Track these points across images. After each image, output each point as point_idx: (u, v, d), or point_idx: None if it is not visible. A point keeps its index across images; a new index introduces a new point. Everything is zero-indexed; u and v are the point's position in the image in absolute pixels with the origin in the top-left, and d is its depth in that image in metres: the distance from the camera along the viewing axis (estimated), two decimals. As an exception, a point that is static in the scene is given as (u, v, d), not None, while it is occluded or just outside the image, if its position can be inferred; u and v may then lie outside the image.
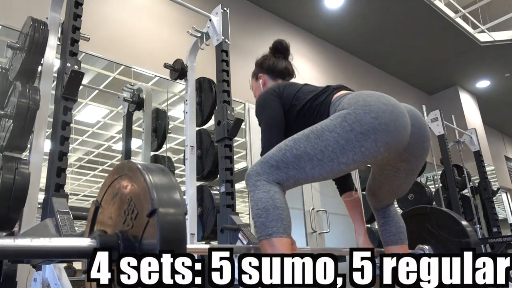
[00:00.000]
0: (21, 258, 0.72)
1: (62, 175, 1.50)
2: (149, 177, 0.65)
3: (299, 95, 1.53)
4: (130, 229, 0.68)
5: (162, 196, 0.64)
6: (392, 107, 1.26)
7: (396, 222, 1.61)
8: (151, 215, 0.63)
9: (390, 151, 1.27)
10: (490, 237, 4.28)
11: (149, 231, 0.63)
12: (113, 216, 0.75)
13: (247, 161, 3.66)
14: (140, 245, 0.65)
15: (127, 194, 0.71)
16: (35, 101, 1.76)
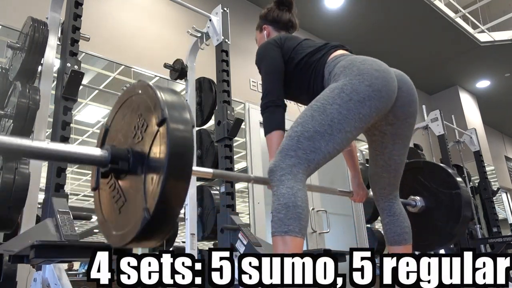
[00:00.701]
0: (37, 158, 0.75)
1: (62, 175, 1.50)
2: (159, 91, 0.69)
3: (298, 49, 1.58)
4: (139, 142, 0.71)
5: (172, 106, 0.67)
6: (383, 73, 1.35)
7: (401, 221, 1.60)
8: (161, 124, 0.65)
9: (379, 115, 1.37)
10: (490, 237, 4.28)
11: (159, 140, 0.66)
12: (123, 133, 0.77)
13: (247, 161, 3.66)
14: (149, 155, 0.67)
15: (137, 110, 0.74)
16: (35, 101, 1.76)
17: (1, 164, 1.69)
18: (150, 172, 0.66)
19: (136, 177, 0.70)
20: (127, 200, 0.72)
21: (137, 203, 0.68)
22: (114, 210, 0.75)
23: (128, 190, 0.72)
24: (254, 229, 3.24)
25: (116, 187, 0.75)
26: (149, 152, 0.68)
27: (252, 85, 4.12)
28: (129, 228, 0.68)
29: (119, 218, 0.73)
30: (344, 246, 4.03)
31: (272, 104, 1.51)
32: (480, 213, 4.80)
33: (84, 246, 1.16)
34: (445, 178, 2.08)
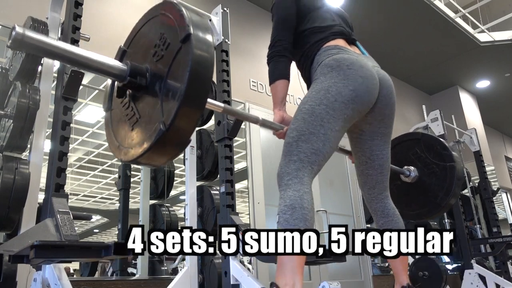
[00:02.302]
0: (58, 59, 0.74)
1: (62, 175, 1.50)
2: (186, 10, 0.68)
3: (311, 15, 1.63)
4: (159, 59, 0.70)
5: (197, 26, 0.66)
6: (367, 80, 1.42)
7: (396, 222, 1.61)
8: (185, 40, 0.65)
9: (359, 116, 1.46)
10: (490, 237, 4.28)
11: (181, 57, 0.65)
12: (141, 53, 0.76)
13: (247, 161, 3.66)
14: (169, 72, 0.67)
15: (160, 30, 0.73)
16: (35, 101, 1.76)
17: (1, 164, 1.69)
18: (169, 89, 0.65)
19: (153, 94, 0.70)
20: (141, 116, 0.72)
21: (152, 118, 0.68)
22: (127, 127, 0.75)
23: (143, 107, 0.72)
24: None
25: (130, 105, 0.75)
26: (169, 69, 0.67)
27: (252, 85, 4.13)
28: (142, 142, 0.68)
29: (131, 134, 0.73)
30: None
31: (278, 54, 1.55)
32: (480, 213, 4.80)
33: (84, 246, 1.16)
34: (440, 150, 2.12)
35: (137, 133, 0.71)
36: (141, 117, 0.72)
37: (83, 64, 0.71)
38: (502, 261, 4.10)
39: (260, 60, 4.23)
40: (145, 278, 2.72)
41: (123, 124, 0.76)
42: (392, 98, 1.56)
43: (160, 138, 0.64)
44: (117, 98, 0.79)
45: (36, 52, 0.67)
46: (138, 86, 0.72)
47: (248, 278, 1.84)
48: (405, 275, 1.56)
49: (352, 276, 4.05)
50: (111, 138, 0.80)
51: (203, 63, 0.64)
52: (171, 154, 0.69)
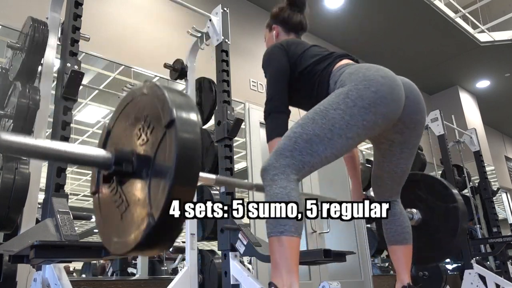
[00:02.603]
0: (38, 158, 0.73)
1: (62, 175, 1.50)
2: (168, 92, 0.67)
3: (305, 56, 1.57)
4: (145, 144, 0.69)
5: (180, 107, 0.65)
6: (389, 80, 1.32)
7: (401, 221, 1.60)
8: (169, 126, 0.63)
9: (386, 123, 1.34)
10: (490, 237, 4.28)
11: (166, 143, 0.64)
12: (126, 135, 0.75)
13: (247, 161, 3.66)
14: (155, 158, 0.66)
15: (143, 111, 0.72)
16: (35, 101, 1.76)
17: (1, 164, 1.69)
18: (156, 176, 0.64)
19: (140, 181, 0.68)
20: (129, 205, 0.69)
21: (140, 209, 0.66)
22: (116, 215, 0.73)
23: (131, 195, 0.70)
24: (254, 229, 3.24)
25: (118, 191, 0.73)
26: (155, 155, 0.65)
27: (252, 85, 4.13)
28: (131, 235, 0.65)
29: (120, 224, 0.71)
30: (344, 246, 4.03)
31: (276, 110, 1.50)
32: (480, 213, 4.80)
33: (84, 246, 1.16)
34: (441, 191, 2.08)
35: (126, 224, 0.69)
36: (129, 205, 0.69)
37: (65, 159, 0.69)
38: (502, 261, 4.11)
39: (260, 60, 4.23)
40: (145, 278, 2.72)
41: (112, 212, 0.74)
42: (422, 103, 1.48)
43: (150, 233, 0.62)
44: (104, 183, 0.76)
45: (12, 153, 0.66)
46: (124, 173, 0.70)
47: (248, 278, 1.84)
48: (407, 274, 1.55)
49: (352, 276, 4.05)
50: (101, 227, 0.76)
51: (191, 147, 0.62)
52: (164, 246, 0.66)
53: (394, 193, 1.63)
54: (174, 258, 3.27)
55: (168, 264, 3.25)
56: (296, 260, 1.18)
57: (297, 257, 1.19)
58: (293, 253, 1.18)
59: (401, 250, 1.57)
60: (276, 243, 1.19)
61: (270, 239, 1.22)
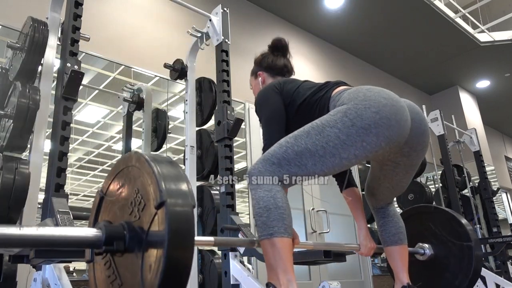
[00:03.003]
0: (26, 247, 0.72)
1: (62, 175, 1.50)
2: (157, 168, 0.65)
3: (300, 90, 1.54)
4: (136, 221, 0.68)
5: (170, 187, 0.63)
6: (392, 101, 1.27)
7: (395, 222, 1.61)
8: (160, 207, 0.63)
9: (391, 145, 1.27)
10: (490, 237, 4.28)
11: (157, 223, 0.63)
12: (118, 207, 0.74)
13: (247, 161, 3.66)
14: (147, 237, 0.64)
15: (134, 185, 0.71)
16: (35, 101, 1.76)
17: (1, 164, 1.69)
18: (148, 256, 0.62)
19: (132, 258, 0.66)
20: (123, 283, 0.68)
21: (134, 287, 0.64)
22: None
23: (125, 272, 0.68)
24: (254, 229, 3.24)
25: (111, 265, 0.71)
26: (147, 234, 0.64)
27: (252, 85, 4.12)
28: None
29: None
30: (344, 246, 4.03)
31: None
32: (480, 213, 4.80)
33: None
34: (456, 227, 1.98)
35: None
36: (123, 284, 0.68)
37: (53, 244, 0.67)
38: (502, 261, 4.10)
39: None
40: (145, 278, 2.72)
41: (106, 285, 0.72)
42: (426, 125, 1.44)
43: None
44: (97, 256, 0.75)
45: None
46: (116, 251, 0.68)
47: (248, 278, 1.84)
48: (405, 273, 1.55)
49: (352, 276, 4.05)
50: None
51: (183, 222, 0.61)
52: None
53: (388, 201, 1.64)
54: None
55: (168, 264, 3.24)
56: (290, 259, 1.19)
57: (291, 256, 1.20)
58: (286, 252, 1.18)
59: (397, 251, 1.58)
60: (268, 245, 1.20)
61: (261, 242, 1.22)
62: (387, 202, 1.63)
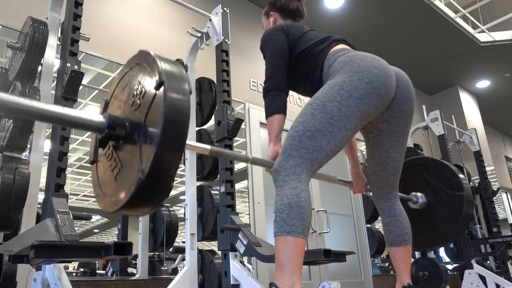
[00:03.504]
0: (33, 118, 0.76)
1: (62, 175, 1.50)
2: (159, 59, 0.70)
3: (302, 38, 1.60)
4: (137, 108, 0.73)
5: (170, 73, 0.68)
6: (383, 71, 1.36)
7: (401, 222, 1.60)
8: (159, 87, 0.67)
9: (376, 113, 1.38)
10: (490, 237, 4.28)
11: (156, 104, 0.67)
12: (122, 103, 0.79)
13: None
14: (146, 120, 0.69)
15: (136, 79, 0.76)
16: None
17: (1, 164, 1.69)
18: (146, 137, 0.67)
19: (133, 143, 0.71)
20: (123, 166, 0.73)
21: (132, 167, 0.69)
22: (111, 178, 0.76)
23: (125, 157, 0.73)
24: (254, 229, 3.24)
25: (113, 156, 0.76)
26: (145, 117, 0.69)
27: (252, 85, 4.13)
28: (123, 192, 0.69)
29: (115, 185, 0.74)
30: (344, 246, 4.03)
31: (275, 88, 1.52)
32: (480, 213, 4.80)
33: (84, 246, 1.16)
34: (450, 177, 2.07)
35: (119, 183, 0.73)
36: (122, 167, 0.73)
37: (62, 121, 0.72)
38: (502, 261, 4.11)
39: (260, 60, 4.22)
40: (145, 278, 2.72)
41: (107, 175, 0.78)
42: (411, 93, 1.49)
43: (140, 187, 0.65)
44: (101, 150, 0.81)
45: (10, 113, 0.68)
46: (117, 137, 0.74)
47: (248, 278, 1.84)
48: (407, 275, 1.56)
49: (352, 276, 4.05)
50: (97, 191, 0.82)
51: (178, 108, 0.67)
52: (154, 203, 0.69)
53: (391, 188, 1.63)
54: (174, 258, 3.27)
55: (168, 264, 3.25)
56: (300, 261, 1.18)
57: (301, 259, 1.19)
58: (298, 253, 1.18)
59: (400, 251, 1.58)
60: (282, 242, 1.19)
61: (276, 238, 1.22)
62: (390, 190, 1.62)
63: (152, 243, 2.76)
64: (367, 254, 4.13)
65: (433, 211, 2.06)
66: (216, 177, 2.51)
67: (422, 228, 2.03)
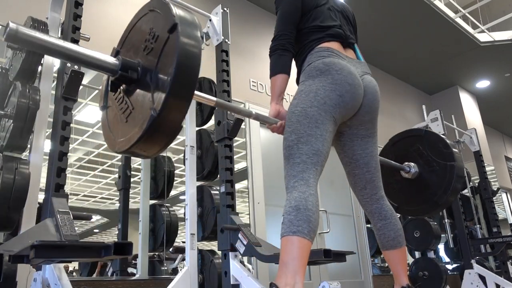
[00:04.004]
0: (50, 54, 0.76)
1: (62, 175, 1.50)
2: (174, 3, 0.72)
3: (314, 12, 1.64)
4: (149, 52, 0.73)
5: (182, 16, 0.69)
6: (354, 87, 1.48)
7: (393, 224, 1.58)
8: (172, 30, 0.67)
9: (341, 121, 1.51)
10: (490, 237, 4.28)
11: (169, 47, 0.68)
12: (134, 50, 0.80)
13: (247, 161, 3.66)
14: (158, 63, 0.70)
15: (149, 25, 0.77)
16: (35, 101, 1.76)
17: (1, 164, 1.69)
18: (159, 79, 0.67)
19: (144, 86, 0.72)
20: (134, 108, 0.74)
21: (144, 107, 0.69)
22: (121, 120, 0.77)
23: (136, 99, 0.74)
24: (254, 229, 3.24)
25: (124, 99, 0.77)
26: (158, 60, 0.69)
27: (252, 85, 4.13)
28: (136, 129, 0.70)
29: (125, 126, 0.75)
30: (344, 246, 4.03)
31: (281, 48, 1.55)
32: (480, 213, 4.80)
33: (84, 246, 1.16)
34: (442, 149, 2.13)
35: (130, 123, 0.74)
36: (134, 109, 0.74)
37: (77, 59, 0.72)
38: (502, 261, 4.10)
39: (260, 60, 4.23)
40: (145, 278, 2.72)
41: (118, 118, 0.80)
42: (374, 105, 1.59)
43: (152, 123, 0.66)
44: (112, 95, 0.81)
45: (29, 47, 0.69)
46: (130, 80, 0.75)
47: (248, 278, 1.84)
48: (404, 276, 1.56)
49: (352, 276, 4.05)
50: (107, 133, 0.83)
51: (190, 50, 0.68)
52: (164, 141, 0.71)
53: (373, 187, 1.59)
54: (174, 258, 3.27)
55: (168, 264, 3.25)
56: (304, 262, 1.19)
57: (306, 260, 1.20)
58: (303, 254, 1.19)
59: (396, 254, 1.57)
60: (288, 242, 1.21)
61: (282, 239, 1.23)
62: (373, 191, 1.60)
63: (152, 243, 2.76)
64: (367, 254, 4.13)
65: (424, 181, 2.12)
66: (216, 177, 2.50)
67: (413, 197, 2.10)
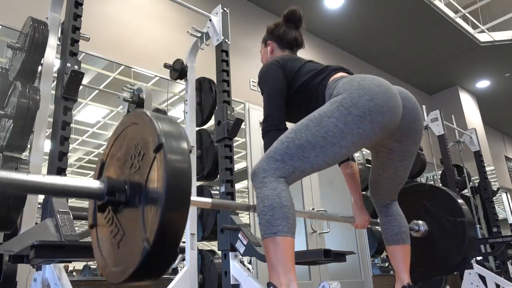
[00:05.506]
0: (31, 192, 0.73)
1: (62, 175, 1.50)
2: (156, 119, 0.68)
3: (301, 71, 1.58)
4: (136, 171, 0.70)
5: (168, 133, 0.66)
6: (384, 88, 1.31)
7: (398, 221, 1.61)
8: (158, 150, 0.64)
9: (384, 132, 1.32)
10: (490, 237, 4.28)
11: (156, 167, 0.65)
12: (119, 165, 0.76)
13: (247, 161, 3.66)
14: (146, 184, 0.67)
15: (133, 140, 0.73)
16: (35, 101, 1.76)
17: (1, 164, 1.69)
18: (148, 202, 0.64)
19: (134, 209, 0.68)
20: (125, 233, 0.70)
21: (136, 235, 0.66)
22: (113, 245, 0.73)
23: (127, 223, 0.70)
24: (254, 229, 3.24)
25: (114, 221, 0.73)
26: (146, 181, 0.66)
27: (252, 85, 4.13)
28: (129, 261, 0.65)
29: (117, 253, 0.71)
30: (344, 246, 4.03)
31: (274, 128, 1.50)
32: (480, 213, 4.80)
33: (84, 246, 1.16)
34: (450, 204, 2.04)
35: (123, 253, 0.69)
36: (125, 234, 0.70)
37: (59, 193, 0.69)
38: (502, 261, 4.10)
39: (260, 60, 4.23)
40: (145, 278, 2.72)
41: (109, 242, 0.74)
42: (419, 112, 1.47)
43: (146, 258, 0.62)
44: (101, 215, 0.77)
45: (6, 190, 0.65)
46: (118, 202, 0.71)
47: (248, 278, 1.84)
48: (406, 274, 1.56)
49: (352, 276, 4.05)
50: (99, 258, 0.77)
51: (180, 171, 0.63)
52: (160, 271, 0.66)
53: (391, 196, 1.64)
54: (174, 258, 3.26)
55: (168, 264, 3.24)
56: (291, 259, 1.19)
57: (293, 256, 1.20)
58: (288, 252, 1.19)
59: (399, 250, 1.58)
60: (271, 244, 1.20)
61: (264, 241, 1.22)
62: (390, 197, 1.63)
63: (152, 243, 2.75)
64: (367, 254, 4.13)
65: (435, 239, 2.01)
66: (216, 177, 2.50)
67: (425, 257, 1.98)
